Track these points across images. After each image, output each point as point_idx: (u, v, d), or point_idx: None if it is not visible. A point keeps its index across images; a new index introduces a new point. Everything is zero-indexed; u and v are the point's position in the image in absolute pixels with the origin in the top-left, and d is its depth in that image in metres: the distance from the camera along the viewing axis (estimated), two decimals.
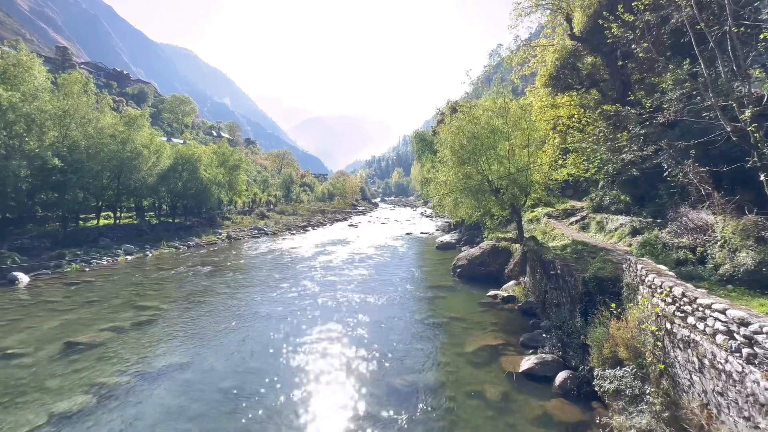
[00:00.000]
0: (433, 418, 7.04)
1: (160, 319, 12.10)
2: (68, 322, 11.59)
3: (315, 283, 17.18)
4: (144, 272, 19.17)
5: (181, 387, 7.96)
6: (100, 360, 9.07)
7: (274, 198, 59.45)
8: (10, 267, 17.08)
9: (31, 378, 8.14)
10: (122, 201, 29.96)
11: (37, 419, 6.65)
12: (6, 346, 9.73)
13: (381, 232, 39.65)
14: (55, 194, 22.53)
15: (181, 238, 28.94)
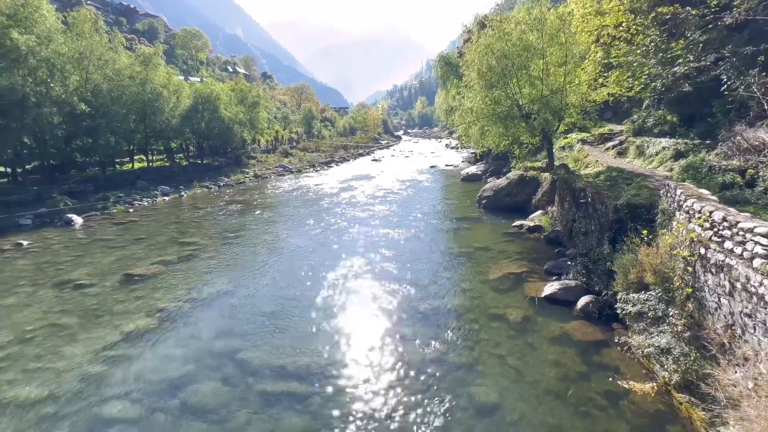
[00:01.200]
0: (456, 337, 7.57)
1: (201, 253, 13.12)
2: (123, 257, 12.81)
3: (340, 219, 17.70)
4: (181, 211, 20.35)
5: (227, 311, 8.89)
6: (155, 289, 10.15)
7: (296, 135, 58.98)
8: (63, 209, 18.58)
9: (100, 304, 9.30)
10: (151, 144, 30.74)
11: (111, 337, 7.75)
12: (76, 278, 10.99)
13: (405, 165, 39.15)
14: (89, 140, 23.35)
15: (211, 178, 29.93)
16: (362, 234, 14.97)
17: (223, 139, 35.10)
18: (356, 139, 70.40)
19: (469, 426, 5.34)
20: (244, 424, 5.43)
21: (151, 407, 5.79)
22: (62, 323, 8.38)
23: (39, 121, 19.47)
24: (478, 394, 5.92)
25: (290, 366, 6.70)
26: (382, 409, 5.70)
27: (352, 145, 61.33)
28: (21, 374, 6.64)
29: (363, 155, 53.89)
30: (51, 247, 14.21)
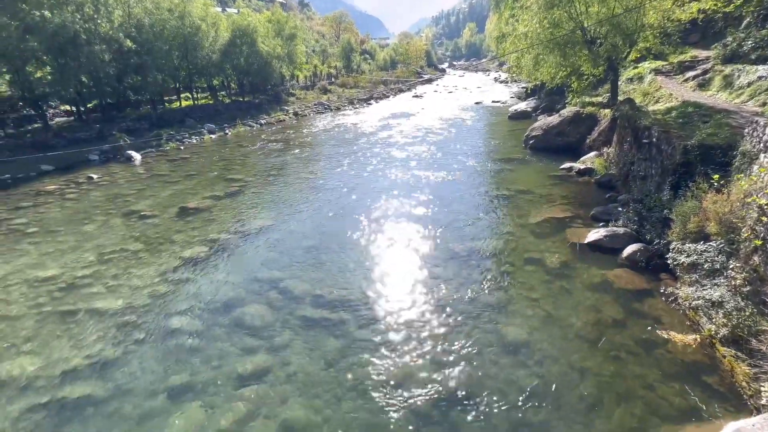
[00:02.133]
0: (489, 278, 7.60)
1: (246, 190, 13.80)
2: (177, 191, 13.83)
3: (378, 159, 17.49)
4: (227, 149, 21.15)
5: (271, 243, 9.51)
6: (207, 221, 10.99)
7: (335, 69, 56.79)
8: (123, 146, 20.02)
9: (161, 233, 10.32)
10: (195, 81, 31.24)
11: (171, 261, 8.68)
12: (140, 209, 12.15)
13: (447, 102, 36.89)
14: (138, 78, 24.15)
15: (252, 116, 30.31)
16: (399, 174, 14.80)
17: (262, 75, 34.73)
18: (397, 73, 66.54)
19: (494, 360, 5.55)
20: (286, 342, 6.06)
21: (209, 323, 6.60)
22: (132, 248, 9.47)
23: (92, 59, 20.25)
24: (506, 333, 6.06)
25: (327, 296, 7.20)
26: (411, 339, 6.05)
27: (392, 80, 58.28)
28: (104, 289, 7.76)
29: (403, 91, 51.29)
30: (117, 180, 15.63)
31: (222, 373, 5.50)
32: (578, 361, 5.42)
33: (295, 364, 5.64)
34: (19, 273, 8.50)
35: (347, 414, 4.82)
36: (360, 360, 5.66)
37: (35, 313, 7.07)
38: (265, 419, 4.78)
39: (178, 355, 5.89)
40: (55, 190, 14.52)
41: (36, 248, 9.73)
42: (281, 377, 5.41)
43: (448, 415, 4.74)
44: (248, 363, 5.66)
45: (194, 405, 4.99)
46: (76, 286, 7.91)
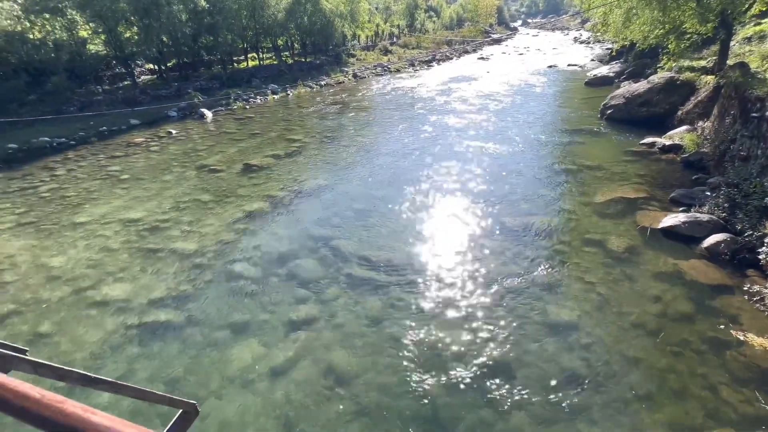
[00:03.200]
0: (541, 256, 7.26)
1: (304, 150, 14.29)
2: (243, 149, 14.75)
3: (435, 124, 16.93)
4: (288, 110, 21.83)
5: (324, 203, 9.90)
6: (267, 179, 11.68)
7: (397, 29, 54.55)
8: (197, 104, 21.56)
9: (228, 187, 11.20)
10: (261, 42, 32.03)
11: (236, 213, 9.47)
12: (211, 163, 13.22)
13: (516, 65, 33.99)
14: (211, 37, 25.35)
15: (313, 77, 30.64)
16: (455, 142, 14.26)
17: (324, 34, 34.57)
18: (462, 32, 62.19)
19: (537, 338, 5.43)
20: (333, 296, 6.45)
21: (266, 271, 7.21)
22: (203, 199, 10.46)
23: (171, 19, 21.57)
24: (553, 313, 5.85)
25: (374, 257, 7.43)
26: (452, 307, 6.10)
27: (457, 40, 54.75)
28: (179, 233, 8.76)
29: (468, 52, 48.07)
30: (191, 136, 17.03)
31: (276, 316, 6.06)
32: (630, 352, 5.11)
33: (340, 317, 6.02)
34: (114, 213, 9.87)
35: (384, 369, 5.10)
36: (400, 321, 5.88)
37: (127, 248, 8.24)
38: (310, 361, 5.24)
39: (239, 296, 6.57)
40: (141, 142, 16.26)
41: (127, 193, 11.15)
42: (327, 327, 5.83)
43: (481, 384, 4.81)
44: (299, 311, 6.15)
45: (252, 341, 5.61)
46: (158, 228, 9.01)
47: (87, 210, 10.17)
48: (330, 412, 4.58)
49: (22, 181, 12.44)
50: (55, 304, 6.61)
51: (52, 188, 11.80)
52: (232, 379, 5.04)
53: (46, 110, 18.23)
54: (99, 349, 5.59)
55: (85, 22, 20.68)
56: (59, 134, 16.62)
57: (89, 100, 20.28)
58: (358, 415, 4.54)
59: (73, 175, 12.86)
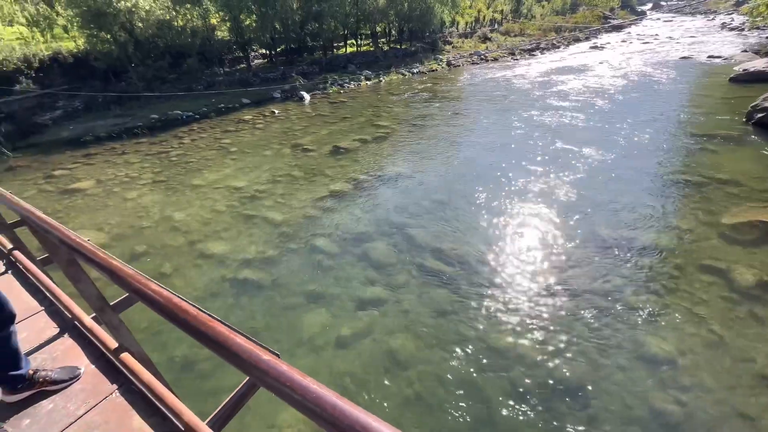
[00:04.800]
0: (640, 276, 6.35)
1: (390, 137, 14.53)
2: (334, 131, 15.58)
3: (530, 119, 15.72)
4: (378, 96, 22.32)
5: (403, 190, 10.00)
6: (353, 161, 12.19)
7: (500, 15, 51.36)
8: (298, 87, 23.32)
9: (317, 166, 11.99)
10: (361, 28, 33.06)
11: (321, 191, 10.11)
12: (304, 143, 14.27)
13: (638, 56, 29.54)
14: (316, 24, 26.99)
15: (406, 65, 30.72)
16: (550, 141, 13.09)
17: (422, 21, 34.25)
18: (575, 18, 55.95)
19: (623, 367, 4.81)
20: (403, 282, 6.55)
21: (343, 248, 7.61)
22: (294, 175, 11.38)
23: (284, 7, 23.47)
24: (648, 343, 5.11)
25: (447, 250, 7.31)
26: (524, 314, 5.72)
27: (568, 27, 49.55)
28: (272, 203, 9.70)
29: (580, 40, 43.23)
30: (290, 117, 18.54)
31: (347, 292, 6.39)
32: (748, 408, 4.23)
33: (407, 303, 6.09)
34: (222, 180, 11.33)
35: (443, 362, 5.05)
36: (467, 319, 5.72)
37: (230, 211, 9.42)
38: (373, 341, 5.44)
39: (316, 268, 7.08)
40: (249, 119, 18.23)
41: (234, 163, 12.67)
42: (392, 311, 5.96)
43: (547, 402, 4.47)
44: (368, 291, 6.39)
45: (323, 310, 6.02)
46: (256, 197, 10.10)
47: (203, 175, 11.85)
48: (385, 392, 4.72)
49: (159, 146, 14.97)
50: (174, 250, 7.91)
51: (179, 154, 13.99)
52: (302, 342, 5.49)
53: (180, 88, 21.51)
54: (203, 294, 6.56)
55: (215, 11, 23.65)
56: (188, 109, 19.51)
57: (213, 80, 23.33)
58: (411, 400, 4.60)
59: (195, 144, 15.05)
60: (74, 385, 2.17)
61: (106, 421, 1.94)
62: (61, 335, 2.59)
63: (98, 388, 2.14)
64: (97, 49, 19.96)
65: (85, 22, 19.56)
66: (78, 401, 2.06)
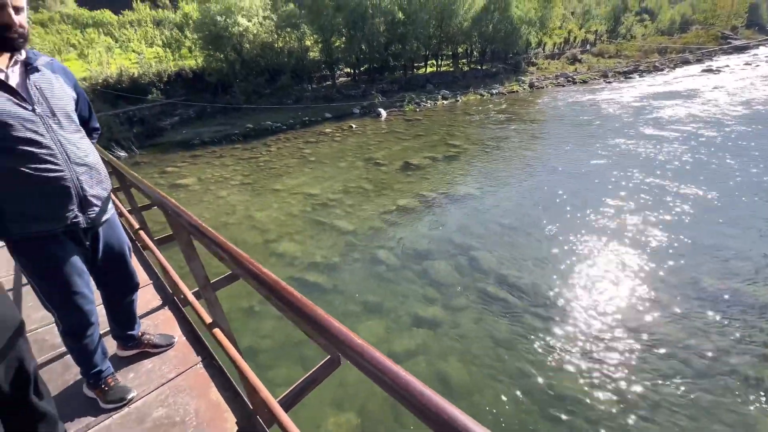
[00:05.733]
0: (756, 342, 5.29)
1: (462, 156, 14.37)
2: (406, 147, 15.91)
3: (618, 147, 14.35)
4: (454, 115, 22.30)
5: (471, 211, 9.76)
6: (422, 178, 12.29)
7: (594, 35, 48.23)
8: (376, 104, 24.37)
9: (387, 180, 12.31)
10: (442, 49, 33.61)
11: (389, 205, 10.33)
12: (376, 157, 14.80)
13: (764, 82, 25.35)
14: (400, 45, 28.11)
15: (486, 85, 30.32)
16: (645, 173, 11.77)
17: (507, 42, 33.67)
18: (685, 38, 50.15)
19: None
20: (461, 305, 6.33)
21: (404, 263, 7.64)
22: (365, 187, 11.81)
23: (372, 30, 24.92)
24: (762, 428, 4.20)
25: (512, 279, 6.91)
26: (597, 366, 5.12)
27: (675, 48, 44.64)
28: (342, 212, 10.16)
29: (689, 63, 38.58)
30: (366, 131, 19.41)
31: (404, 307, 6.38)
32: None
33: (465, 328, 5.86)
34: (299, 187, 12.21)
35: (499, 396, 4.72)
36: (529, 355, 5.30)
37: (302, 215, 10.09)
38: (425, 361, 5.32)
39: (377, 279, 7.20)
40: (329, 132, 19.50)
41: (311, 172, 13.61)
42: (448, 333, 5.78)
43: None
44: (425, 309, 6.30)
45: (378, 321, 6.08)
46: (327, 205, 10.68)
47: (283, 180, 12.92)
48: None
49: (250, 152, 16.72)
50: (251, 246, 8.69)
51: (266, 160, 15.46)
52: None
53: (273, 101, 23.90)
54: None
55: (310, 34, 26.01)
56: (277, 120, 21.54)
57: (301, 95, 25.51)
58: None
59: (280, 152, 16.52)
60: (168, 351, 2.53)
61: (190, 387, 2.24)
62: (162, 307, 3.03)
63: (186, 358, 2.47)
64: (212, 66, 23.24)
65: (205, 44, 22.96)
66: (170, 366, 2.41)
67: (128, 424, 2.01)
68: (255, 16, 23.13)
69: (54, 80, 1.78)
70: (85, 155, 1.84)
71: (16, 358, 1.41)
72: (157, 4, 40.60)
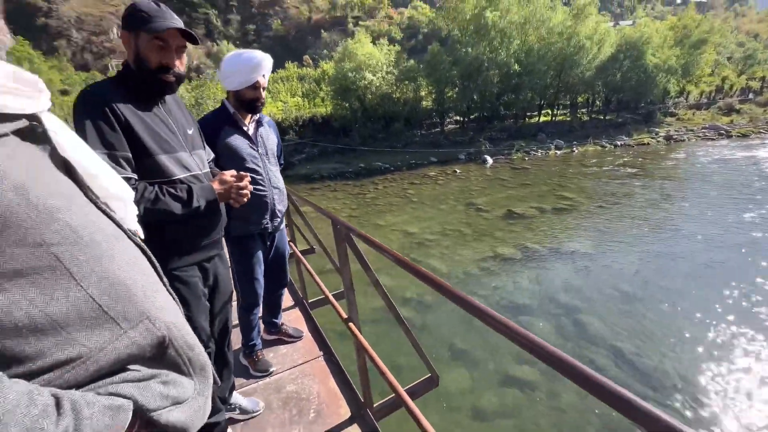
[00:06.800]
0: None
1: (575, 210, 13.26)
2: (510, 195, 15.45)
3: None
4: (568, 166, 20.88)
5: (580, 270, 8.84)
6: (526, 228, 11.70)
7: (758, 82, 40.43)
8: (483, 151, 24.46)
9: (487, 227, 12.08)
10: (559, 99, 32.36)
11: (487, 252, 10.07)
12: (479, 203, 14.72)
13: None
14: (513, 95, 28.15)
15: (608, 136, 27.81)
16: None
17: (638, 91, 30.72)
18: None
19: None
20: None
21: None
22: (463, 231, 11.80)
23: (485, 82, 25.67)
24: None
25: (629, 354, 5.94)
26: None
27: None
28: (438, 253, 10.29)
29: None
30: (470, 177, 19.53)
31: (493, 360, 6.03)
32: None
33: (565, 399, 5.23)
34: (400, 224, 12.85)
35: None
36: None
37: (400, 251, 10.50)
38: (515, 427, 4.88)
39: (467, 325, 7.00)
40: (432, 175, 20.23)
41: (412, 211, 14.22)
42: (546, 403, 5.22)
43: None
44: (518, 368, 5.85)
45: (464, 370, 5.86)
46: (424, 244, 10.97)
47: (385, 217, 13.77)
48: None
49: (359, 189, 18.37)
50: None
51: (372, 197, 16.76)
52: (438, 394, 5.45)
53: (384, 145, 26.07)
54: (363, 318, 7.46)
55: (426, 85, 28.06)
56: (386, 161, 23.31)
57: (411, 140, 27.27)
58: None
59: (385, 190, 17.74)
60: (298, 342, 3.12)
61: (314, 374, 2.75)
62: (294, 307, 3.79)
63: (311, 350, 3.03)
64: (338, 113, 26.81)
65: (335, 95, 26.77)
66: (299, 354, 2.99)
67: (269, 390, 2.59)
68: (380, 71, 26.21)
69: (270, 131, 2.61)
70: (279, 181, 2.61)
71: (225, 318, 2.01)
72: (303, 63, 49.37)
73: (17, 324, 0.52)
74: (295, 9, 73.54)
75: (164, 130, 1.52)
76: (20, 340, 0.52)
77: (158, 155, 1.47)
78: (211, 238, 1.76)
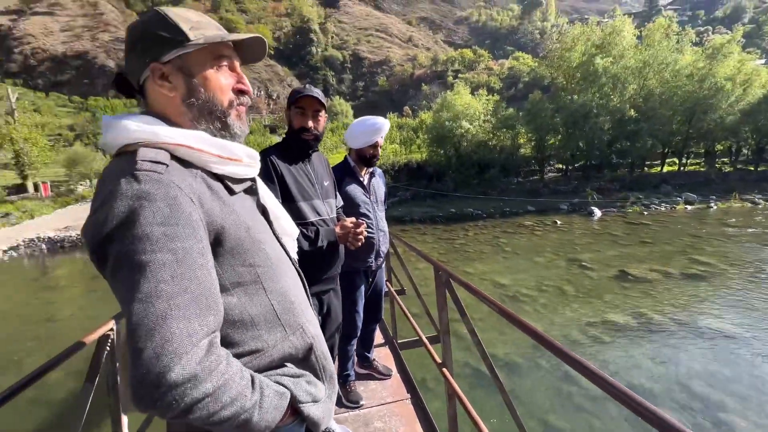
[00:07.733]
0: None
1: (712, 278, 10.92)
2: (624, 254, 13.54)
3: None
4: (703, 225, 17.54)
5: (721, 353, 7.09)
6: (645, 294, 10.02)
7: None
8: (589, 202, 22.23)
9: (594, 287, 10.71)
10: (690, 147, 28.07)
11: (593, 316, 8.84)
12: (582, 259, 13.25)
13: None
14: (628, 143, 25.45)
15: (761, 190, 22.74)
16: None
17: None
18: None
19: None
20: None
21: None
22: (564, 289, 10.65)
23: (594, 129, 23.91)
24: None
25: None
26: None
27: None
28: (532, 310, 9.43)
29: None
30: (573, 230, 17.81)
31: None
32: None
33: None
34: (490, 274, 12.24)
35: None
36: None
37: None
38: None
39: (566, 399, 6.13)
40: (529, 225, 19.03)
41: (504, 261, 13.46)
42: None
43: None
44: None
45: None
46: (516, 298, 10.20)
47: (474, 264, 13.30)
48: None
49: (449, 234, 18.26)
50: None
51: (462, 243, 16.45)
52: None
53: (478, 191, 25.75)
54: None
55: (525, 133, 27.38)
56: (479, 207, 22.87)
57: (506, 187, 26.43)
58: None
59: (476, 237, 17.27)
60: (387, 380, 3.21)
61: (400, 415, 2.80)
62: (384, 345, 4.01)
63: (399, 390, 3.10)
64: (432, 159, 27.73)
65: (431, 142, 27.89)
66: (387, 392, 3.07)
67: (358, 422, 2.71)
68: (477, 119, 26.65)
69: (380, 182, 3.05)
70: (384, 225, 2.95)
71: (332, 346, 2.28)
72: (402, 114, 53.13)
73: (235, 319, 0.76)
74: (400, 66, 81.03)
75: (306, 182, 1.93)
76: (234, 330, 0.77)
77: (299, 201, 1.87)
78: (329, 274, 2.06)
